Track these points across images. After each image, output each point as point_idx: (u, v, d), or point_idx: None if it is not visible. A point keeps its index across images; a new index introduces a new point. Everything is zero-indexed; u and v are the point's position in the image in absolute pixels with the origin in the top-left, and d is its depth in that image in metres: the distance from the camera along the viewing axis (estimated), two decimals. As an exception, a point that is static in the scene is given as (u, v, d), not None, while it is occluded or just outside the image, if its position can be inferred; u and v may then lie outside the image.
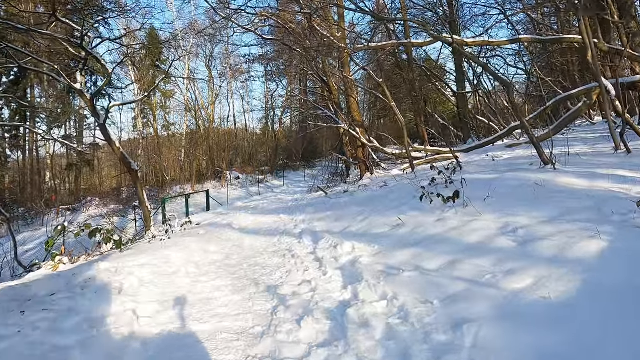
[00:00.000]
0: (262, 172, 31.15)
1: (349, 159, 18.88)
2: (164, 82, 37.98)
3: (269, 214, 12.54)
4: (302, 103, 22.85)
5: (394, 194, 8.87)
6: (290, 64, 27.96)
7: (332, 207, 10.57)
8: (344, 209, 9.49)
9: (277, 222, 10.48)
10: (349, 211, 8.94)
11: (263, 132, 38.88)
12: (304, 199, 16.49)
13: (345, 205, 10.15)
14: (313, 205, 12.46)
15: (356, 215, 8.08)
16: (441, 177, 7.22)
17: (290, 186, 26.95)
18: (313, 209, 11.32)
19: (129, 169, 13.66)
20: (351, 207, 9.23)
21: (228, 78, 34.37)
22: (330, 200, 12.11)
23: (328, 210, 10.15)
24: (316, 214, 10.23)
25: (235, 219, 11.75)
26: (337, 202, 11.22)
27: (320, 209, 10.95)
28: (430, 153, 15.69)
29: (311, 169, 32.61)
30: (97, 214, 24.94)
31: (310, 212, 10.90)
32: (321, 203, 12.33)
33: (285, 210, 13.68)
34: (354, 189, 13.39)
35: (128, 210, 25.26)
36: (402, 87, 30.04)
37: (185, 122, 33.81)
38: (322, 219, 9.21)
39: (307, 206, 12.71)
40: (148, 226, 13.21)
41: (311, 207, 11.69)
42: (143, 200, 13.75)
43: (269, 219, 11.32)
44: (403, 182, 10.27)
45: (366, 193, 11.40)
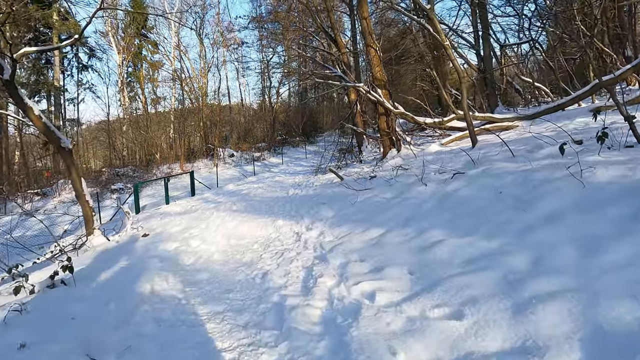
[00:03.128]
0: (259, 149, 26.05)
1: (367, 130, 13.85)
2: (151, 52, 32.34)
3: (259, 215, 7.62)
4: (302, 62, 17.65)
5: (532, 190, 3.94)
6: (287, 27, 22.34)
7: (366, 210, 5.67)
8: (401, 219, 4.57)
9: (270, 238, 5.59)
10: (424, 228, 4.01)
11: (260, 107, 33.45)
12: (310, 185, 11.56)
13: (392, 207, 5.24)
14: (328, 200, 7.53)
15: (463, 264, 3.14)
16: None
17: (290, 165, 21.94)
18: (331, 211, 6.39)
19: (58, 147, 8.74)
20: (420, 221, 4.26)
21: (220, 45, 28.70)
22: (355, 194, 7.14)
23: (364, 221, 5.25)
24: (340, 226, 5.35)
25: (208, 224, 6.84)
26: (371, 199, 6.27)
27: (343, 213, 6.05)
28: (479, 122, 10.72)
29: (312, 145, 27.52)
30: (70, 199, 19.95)
31: (327, 219, 6.01)
32: (340, 197, 7.38)
33: (284, 203, 8.80)
34: (385, 173, 8.47)
35: (105, 194, 20.37)
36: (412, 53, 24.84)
37: (174, 94, 28.35)
38: (360, 248, 4.20)
39: (316, 201, 7.82)
40: (90, 230, 8.52)
41: (327, 208, 6.75)
42: (81, 193, 8.97)
43: (258, 228, 6.40)
44: (490, 163, 5.37)
45: (412, 182, 6.48)
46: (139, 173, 23.13)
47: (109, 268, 4.24)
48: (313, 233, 5.21)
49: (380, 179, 8.03)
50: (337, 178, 10.19)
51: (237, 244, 5.32)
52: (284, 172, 18.83)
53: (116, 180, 22.06)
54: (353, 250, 3.94)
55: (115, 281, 3.80)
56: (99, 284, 3.75)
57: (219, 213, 8.17)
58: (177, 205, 12.68)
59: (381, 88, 11.39)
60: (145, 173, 23.22)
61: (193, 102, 28.92)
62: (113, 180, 21.99)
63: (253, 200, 10.68)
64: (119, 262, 4.51)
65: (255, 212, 8.08)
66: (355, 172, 10.90)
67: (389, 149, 11.47)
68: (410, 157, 9.83)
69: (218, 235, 5.85)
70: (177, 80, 27.87)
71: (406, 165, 8.46)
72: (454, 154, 8.26)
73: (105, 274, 4.09)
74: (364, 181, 8.46)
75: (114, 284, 3.72)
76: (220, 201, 12.00)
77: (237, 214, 7.92)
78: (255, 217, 7.31)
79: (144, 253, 4.77)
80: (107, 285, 3.71)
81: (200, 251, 4.95)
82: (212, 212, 8.41)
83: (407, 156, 10.07)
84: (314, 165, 18.85)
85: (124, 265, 4.36)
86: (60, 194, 20.51)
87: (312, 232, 5.29)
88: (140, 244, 5.73)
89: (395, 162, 9.85)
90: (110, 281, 3.81)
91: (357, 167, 12.16)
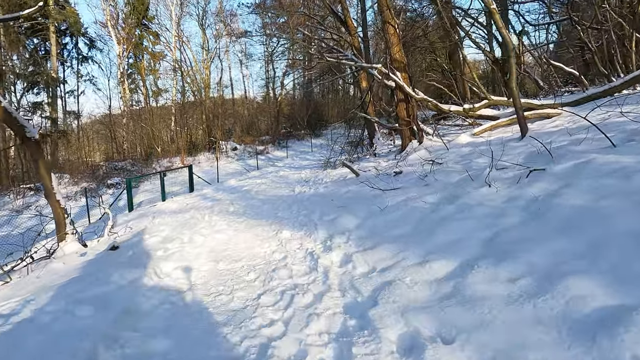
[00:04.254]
0: (263, 142, 24.28)
1: (382, 121, 12.04)
2: (152, 43, 30.43)
3: (260, 220, 5.88)
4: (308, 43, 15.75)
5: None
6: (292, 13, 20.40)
7: (406, 220, 3.91)
8: (477, 241, 2.80)
9: (273, 261, 3.83)
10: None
11: (264, 100, 31.59)
12: (319, 181, 9.81)
13: (449, 218, 3.49)
14: (346, 202, 5.74)
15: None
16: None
17: (295, 158, 20.17)
18: (353, 219, 4.59)
19: (22, 137, 7.08)
20: (519, 250, 2.47)
21: (223, 34, 26.80)
22: (381, 194, 5.38)
23: (411, 240, 3.48)
24: (373, 246, 3.57)
25: (194, 234, 5.12)
26: (407, 203, 4.48)
27: (372, 224, 4.27)
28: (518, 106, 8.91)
29: (318, 138, 25.73)
30: (64, 194, 18.29)
31: (350, 231, 4.23)
32: (361, 199, 5.60)
33: (291, 204, 7.08)
34: (413, 168, 6.70)
35: (101, 189, 18.72)
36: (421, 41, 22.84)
37: (175, 85, 26.56)
38: (428, 300, 2.36)
39: (330, 202, 6.08)
40: (61, 234, 6.91)
41: (347, 214, 4.90)
42: (51, 191, 7.44)
43: (256, 243, 4.64)
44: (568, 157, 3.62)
45: (459, 181, 4.73)
46: (137, 167, 21.44)
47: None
48: (334, 256, 3.47)
49: (408, 176, 6.28)
50: (352, 173, 8.44)
51: (226, 271, 3.59)
52: (288, 166, 17.09)
53: (114, 175, 20.39)
54: (417, 306, 2.19)
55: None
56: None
57: (212, 217, 6.45)
58: (173, 202, 11.05)
59: (400, 71, 9.58)
60: (144, 167, 21.53)
61: (195, 94, 27.14)
62: (111, 174, 20.33)
63: (255, 198, 8.96)
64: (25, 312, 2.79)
65: (255, 215, 6.36)
66: (371, 166, 9.13)
67: (408, 141, 9.69)
68: (439, 149, 8.06)
69: (203, 255, 4.13)
70: (179, 72, 26.06)
71: (439, 159, 6.69)
72: (498, 145, 6.48)
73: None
74: (387, 178, 6.71)
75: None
76: (219, 198, 10.34)
77: (233, 219, 6.20)
78: (255, 224, 5.59)
79: (82, 291, 3.05)
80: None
81: (169, 285, 3.24)
82: (205, 214, 6.69)
83: (434, 148, 8.29)
84: (320, 159, 17.11)
85: (27, 317, 2.67)
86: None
87: (332, 254, 3.55)
88: (93, 267, 4.02)
89: (421, 155, 8.08)
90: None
91: (371, 161, 10.39)
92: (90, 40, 28.12)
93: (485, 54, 16.06)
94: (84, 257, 5.39)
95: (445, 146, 7.38)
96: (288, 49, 25.63)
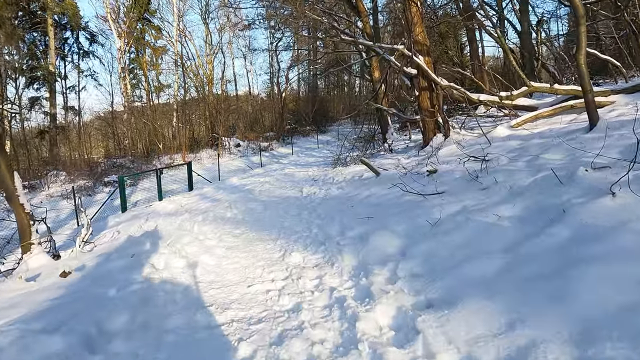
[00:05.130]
0: (267, 138, 22.83)
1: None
2: (154, 37, 28.93)
3: (262, 232, 4.44)
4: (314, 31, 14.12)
5: None
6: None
7: (485, 245, 2.45)
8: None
9: (280, 315, 2.37)
10: None
11: (268, 96, 30.08)
12: (330, 181, 8.35)
13: (567, 252, 2.00)
14: (374, 212, 4.23)
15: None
16: None
17: (301, 155, 18.71)
18: (393, 239, 3.10)
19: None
20: None
21: (227, 27, 25.30)
22: (420, 201, 3.91)
23: (501, 286, 1.98)
24: (451, 300, 2.05)
25: (169, 257, 3.71)
26: (471, 217, 2.98)
27: (428, 249, 2.77)
28: (561, 94, 7.43)
29: (324, 134, 24.26)
30: (60, 193, 17.01)
31: (395, 261, 2.73)
32: (393, 206, 4.13)
33: (300, 210, 5.64)
34: (450, 166, 5.24)
35: (98, 187, 17.37)
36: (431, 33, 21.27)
37: (177, 80, 25.13)
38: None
39: (350, 210, 4.63)
40: (26, 245, 5.54)
41: (383, 230, 3.37)
42: (13, 193, 6.04)
43: (255, 272, 3.20)
44: None
45: (539, 185, 3.27)
46: (137, 164, 20.07)
47: None
48: (381, 316, 1.99)
49: (447, 176, 4.82)
50: (370, 172, 6.98)
51: (202, 340, 2.17)
52: (294, 163, 15.64)
53: (113, 172, 19.01)
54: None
55: None
56: None
57: (203, 226, 5.04)
58: (170, 202, 9.75)
59: (423, 55, 8.09)
60: (144, 164, 20.14)
61: (198, 89, 25.66)
62: (109, 171, 18.98)
63: (257, 200, 7.54)
64: None
65: (256, 225, 4.93)
66: (390, 164, 7.68)
67: (432, 134, 8.21)
68: (473, 143, 6.59)
69: (177, 296, 2.72)
70: (181, 67, 24.61)
71: (482, 155, 5.23)
72: (562, 137, 5.03)
73: None
74: (419, 178, 5.25)
75: None
76: (218, 199, 8.98)
77: (228, 229, 4.78)
78: (255, 238, 4.17)
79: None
80: None
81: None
82: (195, 223, 5.27)
83: (467, 142, 6.82)
84: (328, 156, 15.63)
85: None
86: (49, 187, 17.53)
87: (375, 309, 2.06)
88: (14, 311, 2.61)
89: (453, 151, 6.63)
90: None
91: (388, 158, 8.93)
92: (91, 35, 26.68)
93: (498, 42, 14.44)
94: (32, 282, 3.99)
95: (488, 140, 5.90)
96: (293, 41, 24.07)
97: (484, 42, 20.31)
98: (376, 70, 12.34)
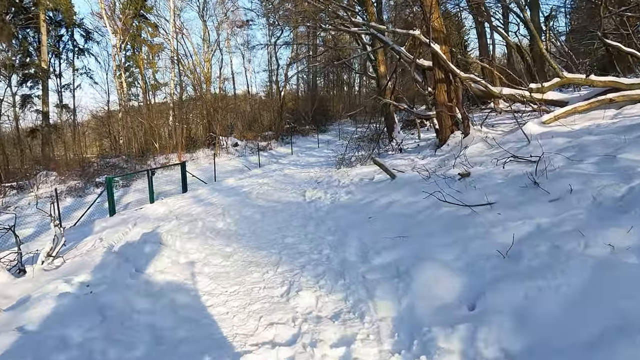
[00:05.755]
0: (266, 137, 21.77)
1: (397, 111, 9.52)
2: (151, 35, 27.74)
3: (257, 253, 3.41)
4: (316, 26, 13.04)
5: None
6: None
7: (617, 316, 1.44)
8: None
9: None
10: None
11: (267, 95, 28.97)
12: (335, 183, 7.31)
13: None
14: (404, 229, 3.19)
15: None
16: None
17: (301, 155, 17.65)
18: (454, 282, 2.06)
19: None
20: None
21: (225, 23, 24.19)
22: (464, 215, 2.90)
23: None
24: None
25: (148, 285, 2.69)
26: (572, 250, 1.97)
27: (508, 302, 1.75)
28: (598, 87, 6.43)
29: (324, 134, 23.23)
30: (49, 194, 15.82)
31: (476, 329, 1.71)
32: (428, 221, 3.10)
33: (305, 220, 4.60)
34: (486, 169, 4.23)
35: (89, 188, 16.26)
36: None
37: (173, 78, 24.01)
38: None
39: (367, 225, 3.62)
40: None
41: (427, 261, 2.30)
42: None
43: (250, 310, 2.20)
44: None
45: (618, 196, 2.27)
46: (131, 164, 18.97)
47: None
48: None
49: (486, 180, 3.81)
50: (383, 173, 5.97)
51: None
52: (294, 163, 14.59)
53: (106, 172, 17.89)
54: None
55: None
56: None
57: (187, 243, 4.01)
58: (162, 205, 8.75)
59: (440, 43, 7.07)
60: (139, 164, 19.05)
61: (196, 88, 24.54)
62: (102, 171, 17.86)
63: (254, 206, 6.51)
64: None
65: (251, 241, 3.91)
66: (404, 165, 6.67)
67: (449, 132, 7.19)
68: (504, 142, 5.59)
69: None
70: (178, 65, 23.50)
71: (525, 155, 4.22)
72: (615, 133, 4.04)
73: None
74: (448, 182, 4.24)
75: None
76: (213, 202, 7.99)
77: (217, 248, 3.76)
78: (249, 262, 3.15)
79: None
80: None
81: None
82: (177, 238, 4.24)
83: (497, 140, 5.81)
84: (329, 156, 14.60)
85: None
86: (38, 187, 16.40)
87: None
88: None
89: (478, 150, 5.63)
90: None
91: (399, 158, 7.92)
92: (86, 32, 25.51)
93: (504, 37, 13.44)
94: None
95: (526, 137, 4.89)
96: (292, 37, 22.99)
97: (494, 37, 19.13)
98: (382, 64, 11.32)
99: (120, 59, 24.47)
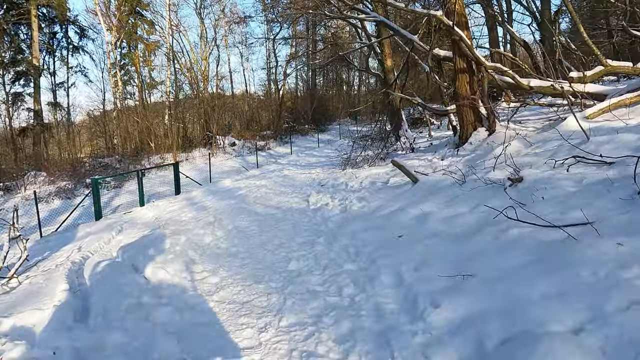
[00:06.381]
0: (264, 137, 20.77)
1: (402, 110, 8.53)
2: (147, 32, 26.60)
3: (256, 282, 2.42)
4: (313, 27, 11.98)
5: None
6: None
7: None
8: None
9: None
10: None
11: (265, 95, 27.93)
12: (343, 186, 6.32)
13: None
14: (460, 259, 2.19)
15: None
16: None
17: (301, 155, 16.65)
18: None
19: None
20: None
21: (222, 25, 23.13)
22: (538, 241, 1.93)
23: None
24: None
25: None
26: None
27: None
28: (628, 84, 5.47)
29: (323, 133, 22.25)
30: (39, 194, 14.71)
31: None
32: (490, 250, 2.16)
33: (313, 237, 3.59)
34: (545, 173, 3.28)
35: (79, 189, 15.19)
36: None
37: (169, 76, 22.95)
38: None
39: (398, 248, 2.65)
40: None
41: (552, 342, 1.33)
42: None
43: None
44: None
45: None
46: (125, 164, 17.91)
47: None
48: None
49: (555, 189, 2.84)
50: (399, 175, 4.99)
51: None
52: (294, 164, 13.59)
53: (98, 172, 16.82)
54: None
55: None
56: None
57: (161, 269, 3.02)
58: (152, 209, 7.83)
59: (462, 28, 6.11)
60: (132, 163, 17.99)
61: (193, 86, 23.45)
62: (94, 172, 16.78)
63: (250, 212, 5.52)
64: None
65: (245, 266, 2.92)
66: (420, 166, 5.71)
67: (472, 129, 6.22)
68: (541, 140, 4.63)
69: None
70: (174, 63, 22.42)
71: (591, 153, 3.27)
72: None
73: None
74: (494, 190, 3.28)
75: None
76: (205, 206, 7.03)
77: (199, 274, 2.77)
78: (241, 305, 2.18)
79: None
80: None
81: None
82: (151, 264, 3.24)
83: (535, 139, 4.85)
84: (330, 156, 13.61)
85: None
86: (26, 188, 15.32)
87: None
88: None
89: (516, 149, 4.66)
90: None
91: (412, 159, 6.93)
92: (80, 29, 24.35)
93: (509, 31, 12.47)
94: None
95: (585, 134, 3.92)
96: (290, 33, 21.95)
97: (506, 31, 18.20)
98: (388, 58, 10.33)
99: (115, 56, 23.35)
